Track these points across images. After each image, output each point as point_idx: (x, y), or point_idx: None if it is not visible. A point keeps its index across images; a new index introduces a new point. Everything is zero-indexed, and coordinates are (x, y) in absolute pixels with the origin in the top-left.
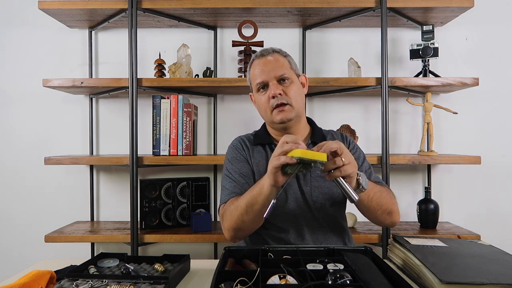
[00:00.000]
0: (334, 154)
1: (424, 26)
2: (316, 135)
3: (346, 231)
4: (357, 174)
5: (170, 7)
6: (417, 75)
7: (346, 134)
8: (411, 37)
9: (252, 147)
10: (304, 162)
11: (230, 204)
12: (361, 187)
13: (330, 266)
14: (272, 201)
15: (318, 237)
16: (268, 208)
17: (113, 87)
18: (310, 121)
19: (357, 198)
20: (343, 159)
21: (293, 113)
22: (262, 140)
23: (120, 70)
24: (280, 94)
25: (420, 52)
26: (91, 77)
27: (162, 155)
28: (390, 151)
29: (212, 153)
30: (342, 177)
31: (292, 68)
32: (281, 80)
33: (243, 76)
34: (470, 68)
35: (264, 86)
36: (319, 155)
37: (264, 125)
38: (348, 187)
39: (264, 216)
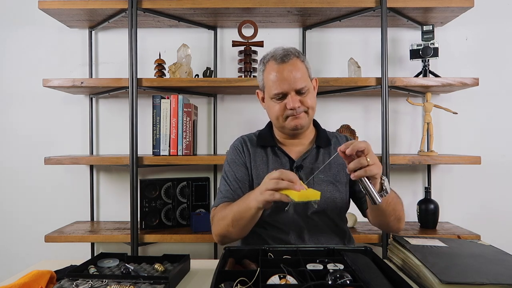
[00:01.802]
0: (359, 154)
1: (424, 26)
2: (321, 139)
3: (347, 234)
4: (381, 178)
5: (170, 7)
6: (417, 75)
7: (349, 136)
8: (411, 37)
9: (254, 149)
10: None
11: (220, 210)
12: (384, 191)
13: (330, 266)
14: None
15: (318, 239)
16: (290, 203)
17: (113, 87)
18: (315, 123)
19: (380, 201)
20: (368, 159)
21: (307, 120)
22: (265, 142)
23: (120, 70)
24: (299, 106)
25: (420, 52)
26: (91, 77)
27: (162, 155)
28: (390, 151)
29: (212, 153)
30: (366, 178)
31: (309, 74)
32: (301, 92)
33: (243, 76)
34: (470, 68)
35: (282, 95)
36: (312, 195)
37: (269, 125)
38: (372, 188)
39: (286, 209)
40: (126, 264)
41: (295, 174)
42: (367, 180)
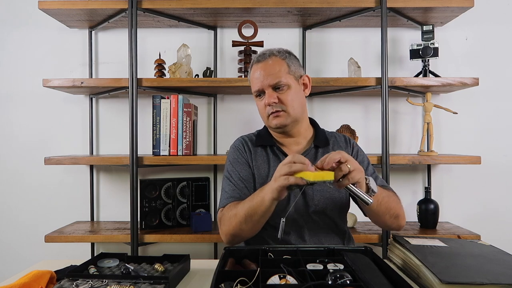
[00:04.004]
0: (339, 163)
1: (424, 26)
2: (319, 138)
3: (347, 234)
4: (366, 179)
5: (170, 7)
6: (417, 75)
7: (349, 136)
8: (411, 37)
9: (254, 149)
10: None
11: (229, 209)
12: (371, 191)
13: (330, 266)
14: (282, 220)
15: (319, 239)
16: (280, 229)
17: (113, 87)
18: (312, 122)
19: (371, 201)
20: (349, 166)
21: (288, 119)
22: (264, 141)
23: (120, 70)
24: (275, 102)
25: (420, 52)
26: (91, 77)
27: (162, 155)
28: (390, 151)
29: (212, 153)
30: (351, 184)
31: (291, 71)
32: (276, 87)
33: (243, 76)
34: (470, 68)
35: (261, 93)
36: (327, 174)
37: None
38: (360, 192)
39: (278, 237)
40: (126, 264)
41: (306, 158)
42: (353, 186)
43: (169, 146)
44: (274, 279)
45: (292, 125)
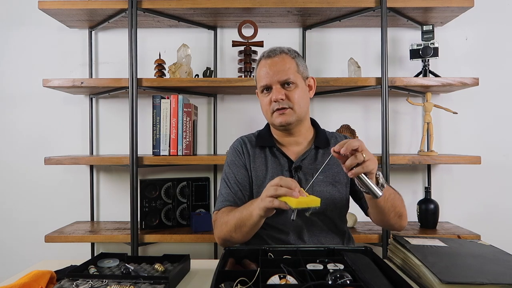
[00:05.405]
0: (352, 152)
1: (424, 26)
2: (320, 139)
3: (347, 234)
4: (375, 173)
5: (170, 7)
6: (417, 75)
7: (349, 136)
8: (411, 37)
9: (254, 150)
10: None
11: (222, 215)
12: (380, 185)
13: (330, 266)
14: None
15: (318, 240)
16: (294, 212)
17: (113, 87)
18: (313, 123)
19: (381, 194)
20: (364, 155)
21: (293, 117)
22: (264, 142)
23: (120, 70)
24: (282, 99)
25: (420, 52)
26: (91, 77)
27: (162, 155)
28: (390, 151)
29: (212, 153)
30: (364, 173)
31: (299, 71)
32: (285, 84)
33: (243, 76)
34: (470, 68)
35: (268, 88)
36: (312, 201)
37: (268, 125)
38: (371, 183)
39: (291, 219)
40: (126, 264)
41: (295, 181)
42: (364, 176)
43: (169, 146)
44: (274, 279)
45: (295, 123)
